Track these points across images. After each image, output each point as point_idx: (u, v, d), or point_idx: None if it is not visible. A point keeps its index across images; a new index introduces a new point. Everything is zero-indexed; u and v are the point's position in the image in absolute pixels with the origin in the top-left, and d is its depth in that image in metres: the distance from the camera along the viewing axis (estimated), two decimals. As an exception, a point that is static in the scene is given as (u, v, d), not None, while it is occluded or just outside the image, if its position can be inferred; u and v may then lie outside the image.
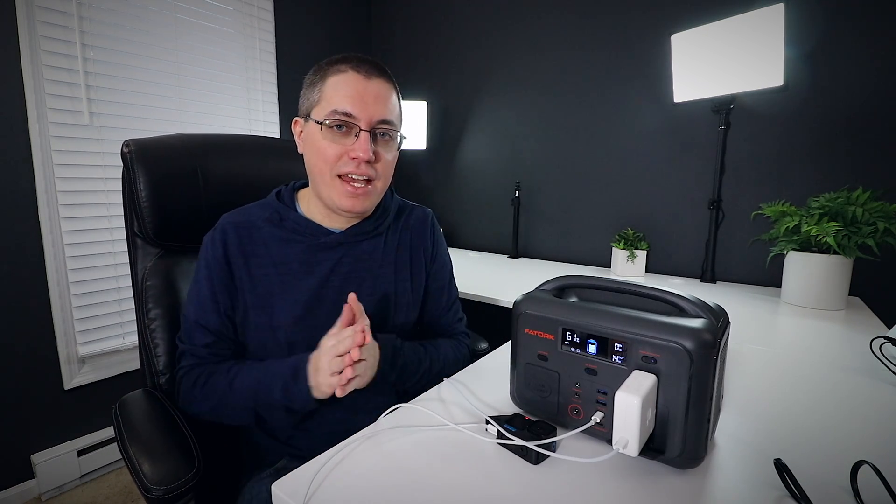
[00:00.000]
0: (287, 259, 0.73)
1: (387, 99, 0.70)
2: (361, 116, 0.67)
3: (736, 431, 0.55)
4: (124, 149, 0.82)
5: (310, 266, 0.74)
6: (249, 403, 0.67)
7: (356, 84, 0.68)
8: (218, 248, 0.72)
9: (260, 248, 0.73)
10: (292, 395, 0.64)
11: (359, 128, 0.68)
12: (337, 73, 0.69)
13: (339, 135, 0.68)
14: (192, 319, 0.73)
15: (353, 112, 0.67)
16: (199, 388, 0.70)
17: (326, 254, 0.74)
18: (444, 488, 0.44)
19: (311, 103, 0.71)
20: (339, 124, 0.68)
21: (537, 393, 0.56)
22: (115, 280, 1.60)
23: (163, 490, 0.57)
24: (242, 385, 0.68)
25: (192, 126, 1.76)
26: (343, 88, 0.68)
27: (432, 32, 2.22)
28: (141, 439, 0.65)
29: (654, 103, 1.59)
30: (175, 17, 1.69)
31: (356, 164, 0.68)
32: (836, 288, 1.12)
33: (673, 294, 0.49)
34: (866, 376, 0.72)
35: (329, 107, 0.67)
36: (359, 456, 0.50)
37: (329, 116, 0.67)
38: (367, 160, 0.68)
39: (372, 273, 0.77)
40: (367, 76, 0.68)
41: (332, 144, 0.68)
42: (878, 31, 1.21)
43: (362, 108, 0.67)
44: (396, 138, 0.73)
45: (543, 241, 1.94)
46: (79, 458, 1.57)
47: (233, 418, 0.71)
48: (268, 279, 0.73)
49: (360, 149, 0.67)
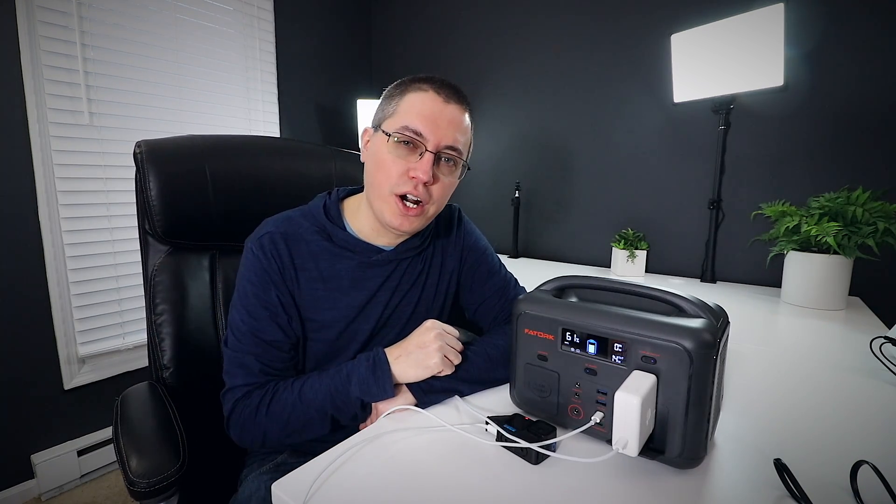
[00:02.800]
0: (338, 275, 0.72)
1: (459, 126, 0.69)
2: (430, 138, 0.67)
3: (736, 431, 0.55)
4: (136, 149, 0.84)
5: (359, 282, 0.73)
6: (326, 408, 0.63)
7: (433, 105, 0.67)
8: (271, 260, 0.69)
9: (309, 262, 0.72)
10: (369, 387, 0.62)
11: (424, 148, 0.67)
12: (417, 91, 0.68)
13: (404, 150, 0.67)
14: (241, 329, 0.68)
15: (423, 132, 0.66)
16: (265, 409, 0.64)
17: (376, 270, 0.74)
18: (445, 488, 0.44)
19: (385, 115, 0.70)
20: (407, 140, 0.67)
21: (537, 393, 0.56)
22: (115, 280, 1.60)
23: (145, 483, 0.57)
24: (315, 391, 0.64)
25: (192, 126, 1.76)
26: (419, 106, 0.67)
27: (432, 32, 2.22)
28: (133, 433, 0.67)
29: (654, 103, 1.59)
30: (175, 17, 1.69)
31: (414, 185, 0.67)
32: (836, 288, 1.11)
33: (673, 294, 0.49)
34: (866, 376, 0.72)
35: (401, 122, 0.67)
36: (359, 457, 0.50)
37: (399, 131, 0.67)
38: (424, 181, 0.67)
39: (415, 285, 0.77)
40: (445, 100, 0.68)
41: (396, 160, 0.67)
42: (878, 31, 1.21)
43: (433, 130, 0.66)
44: (460, 166, 0.72)
45: (543, 241, 1.94)
46: (79, 458, 1.57)
47: (307, 431, 0.64)
48: (315, 293, 0.72)
49: (422, 169, 0.66)
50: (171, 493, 0.60)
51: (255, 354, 0.67)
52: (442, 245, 0.82)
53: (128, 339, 1.65)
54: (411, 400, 0.62)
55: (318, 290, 0.71)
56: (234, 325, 0.69)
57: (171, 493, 0.60)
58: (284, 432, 0.64)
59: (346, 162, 1.10)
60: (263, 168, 0.97)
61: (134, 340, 1.66)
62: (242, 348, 0.68)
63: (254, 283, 0.69)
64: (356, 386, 0.62)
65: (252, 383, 0.66)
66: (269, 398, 0.65)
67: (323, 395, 0.63)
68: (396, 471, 0.47)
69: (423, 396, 0.62)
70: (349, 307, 0.72)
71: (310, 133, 2.24)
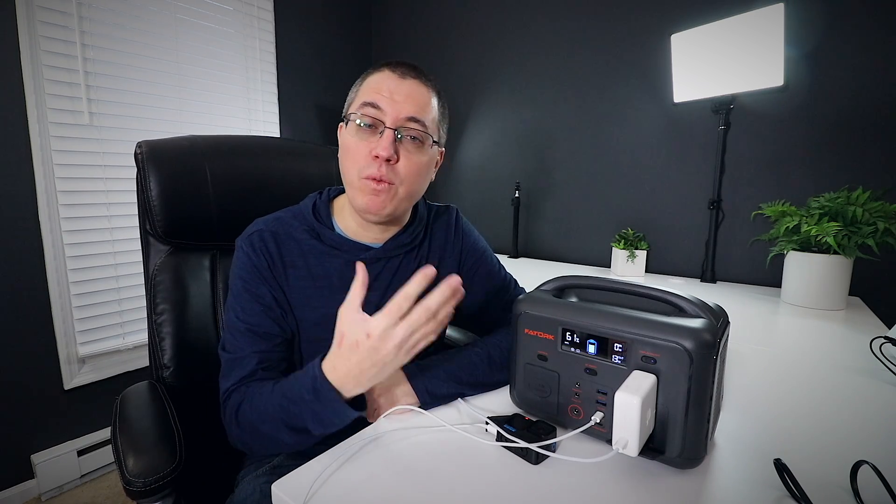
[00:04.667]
0: (327, 273, 0.72)
1: (418, 99, 0.68)
2: (388, 111, 0.66)
3: (736, 431, 0.55)
4: (137, 150, 0.85)
5: (347, 281, 0.71)
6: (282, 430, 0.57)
7: (389, 81, 0.68)
8: (261, 257, 0.70)
9: (299, 260, 0.72)
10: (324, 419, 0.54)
11: (384, 125, 0.67)
12: (374, 73, 0.69)
13: (366, 132, 0.67)
14: (237, 327, 0.68)
15: (379, 104, 0.66)
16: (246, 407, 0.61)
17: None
18: (444, 489, 0.44)
19: (348, 103, 0.71)
20: (368, 122, 0.67)
21: (537, 393, 0.56)
22: (115, 280, 1.60)
23: (141, 483, 0.57)
24: (267, 408, 0.58)
25: (192, 126, 1.76)
26: (375, 84, 0.68)
27: (432, 32, 2.22)
28: (130, 433, 0.67)
29: (654, 103, 1.59)
30: (175, 17, 1.69)
31: (378, 165, 0.66)
32: (836, 288, 1.11)
33: (673, 294, 0.49)
34: (866, 376, 0.72)
35: (359, 101, 0.68)
36: (359, 457, 0.50)
37: (358, 110, 0.67)
38: (386, 158, 0.65)
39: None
40: (401, 75, 0.68)
41: (359, 143, 0.67)
42: (878, 31, 1.21)
43: (390, 104, 0.66)
44: (427, 142, 0.70)
45: (543, 241, 1.94)
46: (79, 458, 1.57)
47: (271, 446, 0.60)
48: (304, 291, 0.72)
49: (381, 146, 0.65)
50: (167, 492, 0.60)
51: (253, 350, 0.66)
52: (439, 246, 0.81)
53: (128, 339, 1.65)
54: (415, 402, 0.62)
55: (307, 289, 0.71)
56: (230, 325, 0.69)
57: (167, 493, 0.60)
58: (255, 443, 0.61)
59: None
60: (264, 168, 0.97)
61: (134, 340, 1.66)
62: (238, 346, 0.67)
63: (245, 279, 0.70)
64: (312, 422, 0.54)
65: (246, 377, 0.64)
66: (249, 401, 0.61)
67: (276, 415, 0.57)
68: (396, 471, 0.47)
69: (428, 400, 0.62)
70: (339, 305, 0.71)
71: (310, 133, 2.24)
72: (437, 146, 0.73)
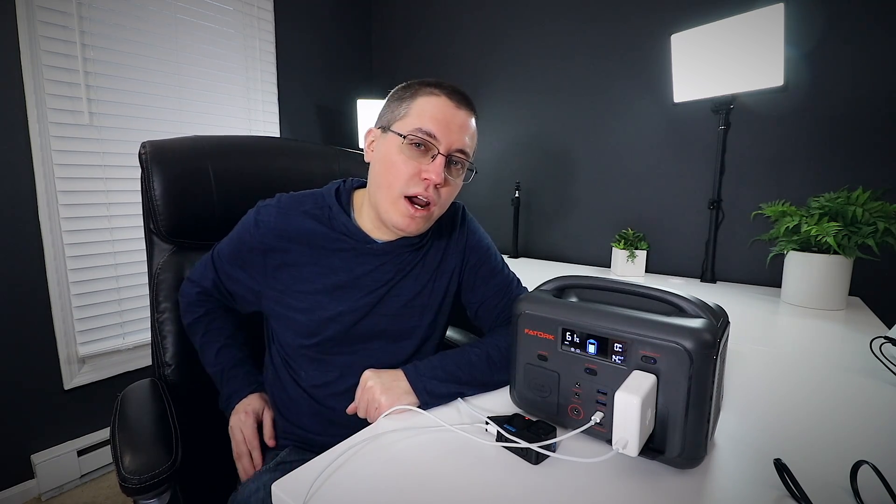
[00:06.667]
0: (329, 255, 0.75)
1: (468, 130, 0.71)
2: (443, 140, 0.68)
3: (736, 431, 0.55)
4: (141, 150, 0.86)
5: (347, 264, 0.75)
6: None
7: (445, 109, 0.69)
8: (256, 230, 0.75)
9: (311, 236, 0.75)
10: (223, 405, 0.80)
11: (437, 150, 0.68)
12: (430, 95, 0.70)
13: (416, 153, 0.69)
14: (209, 260, 0.83)
15: (436, 134, 0.68)
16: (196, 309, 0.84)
17: (368, 258, 0.75)
18: (444, 489, 0.44)
19: (395, 116, 0.71)
20: (420, 143, 0.68)
21: (537, 393, 0.56)
22: (115, 280, 1.60)
23: (136, 479, 0.58)
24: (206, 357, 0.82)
25: (192, 126, 1.76)
26: (432, 110, 0.69)
27: (433, 32, 2.22)
28: (129, 430, 0.68)
29: (654, 103, 1.59)
30: (175, 17, 1.69)
31: (426, 186, 0.68)
32: (836, 288, 1.12)
33: (673, 294, 0.49)
34: (866, 376, 0.72)
35: (414, 124, 0.68)
36: (359, 457, 0.50)
37: (413, 132, 0.68)
38: (437, 183, 0.68)
39: (408, 276, 0.77)
40: (457, 105, 0.70)
41: (407, 161, 0.69)
42: (877, 31, 1.21)
43: (446, 133, 0.68)
44: (466, 169, 0.74)
45: (543, 241, 1.94)
46: (79, 458, 1.57)
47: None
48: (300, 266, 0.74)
49: (434, 171, 0.67)
50: (163, 489, 0.61)
51: (213, 279, 0.82)
52: (444, 242, 0.82)
53: (128, 339, 1.65)
54: (414, 401, 0.62)
55: (305, 265, 0.74)
56: (218, 250, 0.81)
57: (162, 490, 0.60)
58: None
59: (351, 162, 1.10)
60: (267, 168, 0.98)
61: (134, 340, 1.66)
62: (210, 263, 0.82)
63: (234, 236, 0.79)
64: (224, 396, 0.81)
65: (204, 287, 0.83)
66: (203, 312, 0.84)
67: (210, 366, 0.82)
68: (396, 471, 0.47)
69: (427, 399, 0.62)
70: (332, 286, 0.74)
71: (310, 133, 2.24)
72: (473, 170, 0.76)
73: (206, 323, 0.83)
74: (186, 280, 0.86)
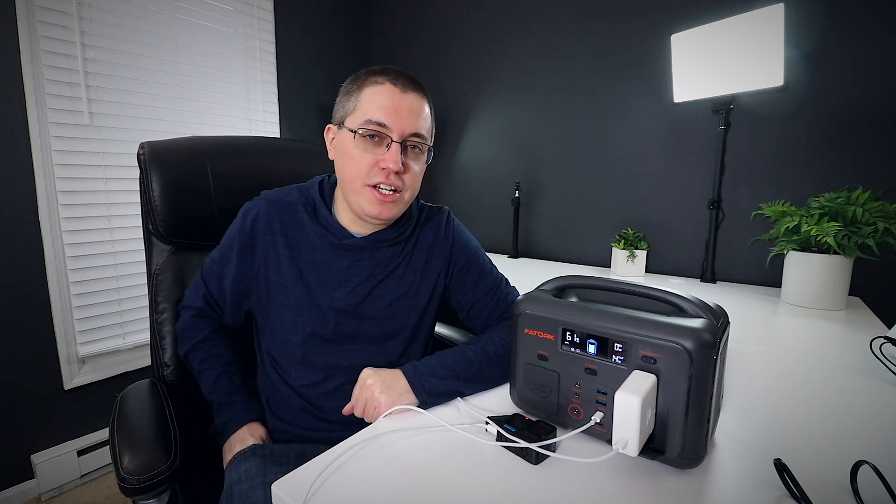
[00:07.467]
0: (311, 247, 0.76)
1: (419, 113, 0.71)
2: (394, 128, 0.69)
3: (736, 431, 0.55)
4: (139, 151, 0.86)
5: (328, 258, 0.76)
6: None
7: (392, 96, 0.69)
8: (243, 223, 0.77)
9: (297, 229, 0.76)
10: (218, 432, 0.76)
11: (391, 139, 0.69)
12: (374, 84, 0.70)
13: (371, 144, 0.69)
14: (198, 278, 0.83)
15: (386, 123, 0.68)
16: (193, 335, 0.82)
17: (346, 253, 0.76)
18: (444, 489, 0.44)
19: (346, 112, 0.72)
20: (372, 134, 0.69)
21: (537, 393, 0.56)
22: (115, 280, 1.60)
23: (135, 480, 0.58)
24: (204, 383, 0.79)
25: (192, 126, 1.76)
26: (378, 99, 0.69)
27: (432, 32, 2.22)
28: (128, 431, 0.68)
29: (654, 103, 1.59)
30: (175, 17, 1.69)
31: (385, 175, 0.69)
32: (836, 288, 1.11)
33: (673, 294, 0.49)
34: (866, 376, 0.72)
35: (364, 116, 0.69)
36: (359, 457, 0.50)
37: (363, 126, 0.69)
38: (396, 171, 0.69)
39: (388, 275, 0.78)
40: (403, 89, 0.70)
41: (363, 154, 0.69)
42: (878, 31, 1.21)
43: (396, 120, 0.69)
44: (426, 151, 0.75)
45: (543, 241, 1.94)
46: (79, 458, 1.57)
47: None
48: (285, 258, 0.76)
49: (391, 160, 0.68)
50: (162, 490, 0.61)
51: (203, 294, 0.81)
52: (428, 244, 0.82)
53: (128, 339, 1.65)
54: (413, 401, 0.62)
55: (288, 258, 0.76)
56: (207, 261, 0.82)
57: (161, 491, 0.61)
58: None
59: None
60: (265, 168, 0.98)
61: (134, 340, 1.66)
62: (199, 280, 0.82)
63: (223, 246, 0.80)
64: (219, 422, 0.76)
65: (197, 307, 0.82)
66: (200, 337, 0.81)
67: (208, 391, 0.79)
68: (396, 471, 0.47)
69: (426, 398, 0.62)
70: (315, 281, 0.75)
71: (310, 133, 2.24)
72: (432, 151, 0.76)
73: (206, 349, 0.81)
74: (179, 309, 0.85)
